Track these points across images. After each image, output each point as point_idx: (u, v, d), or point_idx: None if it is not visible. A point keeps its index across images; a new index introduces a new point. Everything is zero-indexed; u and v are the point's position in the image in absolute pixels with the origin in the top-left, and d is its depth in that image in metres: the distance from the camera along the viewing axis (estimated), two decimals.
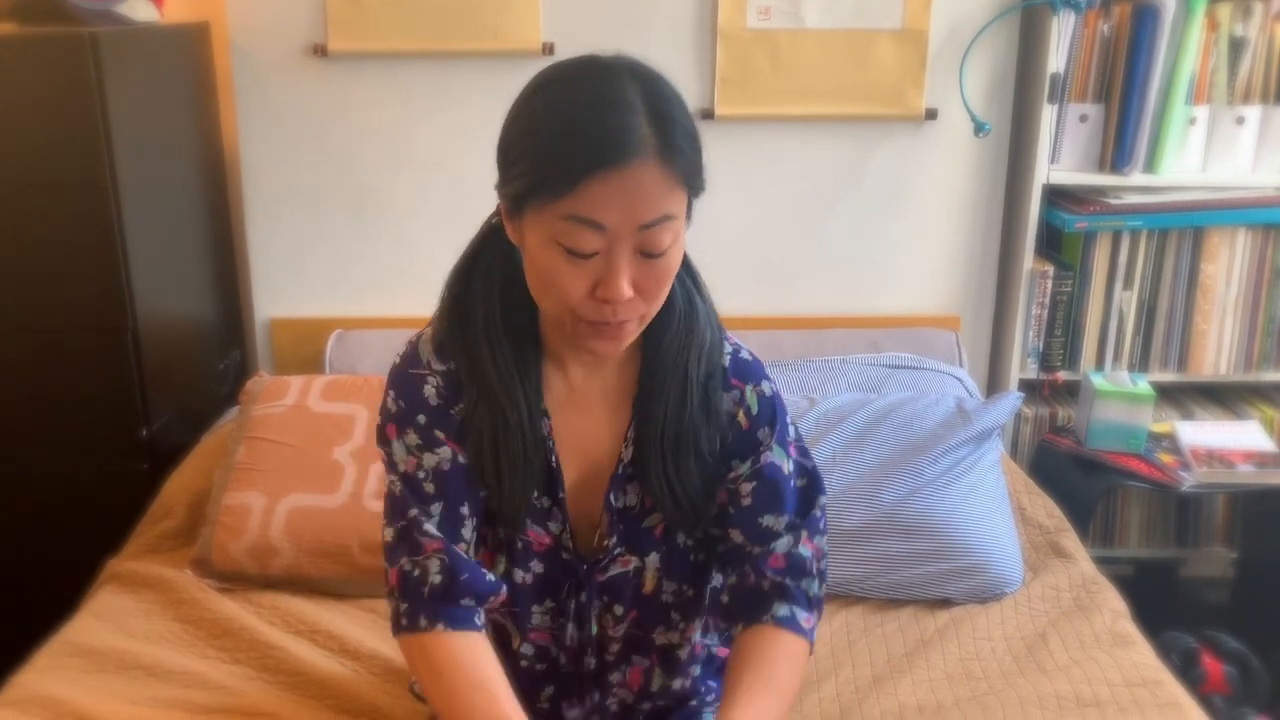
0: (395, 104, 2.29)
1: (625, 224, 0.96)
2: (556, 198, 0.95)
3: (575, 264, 0.98)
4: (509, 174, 1.01)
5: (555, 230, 0.97)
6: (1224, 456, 2.15)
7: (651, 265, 0.99)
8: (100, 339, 1.96)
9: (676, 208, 0.98)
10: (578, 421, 1.16)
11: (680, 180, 0.97)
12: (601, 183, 0.93)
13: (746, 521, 1.18)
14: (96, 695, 1.46)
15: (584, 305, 1.01)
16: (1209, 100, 2.26)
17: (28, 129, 1.84)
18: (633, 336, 1.06)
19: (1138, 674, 1.52)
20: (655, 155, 0.95)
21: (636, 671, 1.26)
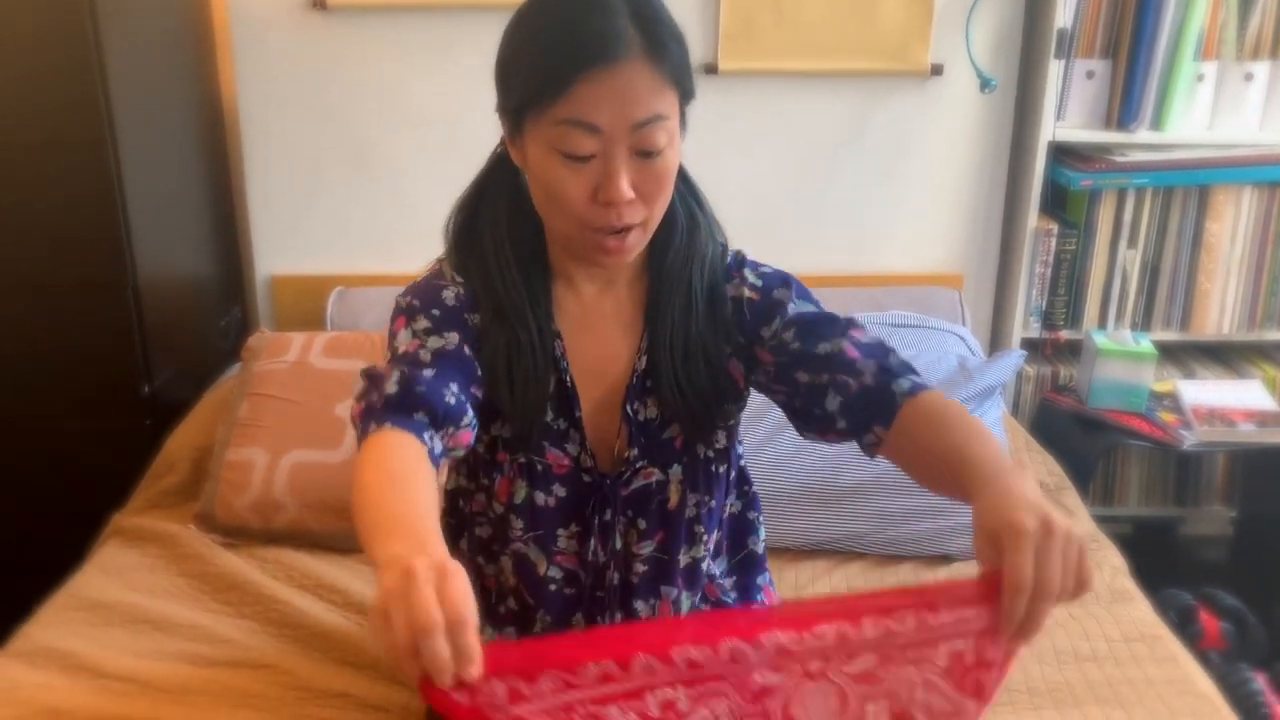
0: (394, 58, 2.27)
1: (618, 124, 0.99)
2: (550, 104, 0.99)
3: (575, 170, 1.01)
4: (506, 91, 1.05)
5: (552, 137, 1.00)
6: (1225, 415, 2.15)
7: (649, 166, 1.02)
8: (101, 296, 1.96)
9: (668, 107, 1.02)
10: (592, 339, 1.18)
11: (669, 79, 1.01)
12: (591, 84, 0.97)
13: (807, 360, 1.13)
14: (103, 648, 1.47)
15: (588, 212, 1.03)
16: (1218, 56, 2.24)
17: (26, 87, 1.83)
18: (638, 247, 1.09)
19: (1136, 629, 1.53)
20: (642, 54, 0.98)
21: (665, 604, 1.26)
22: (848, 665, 0.83)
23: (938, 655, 0.83)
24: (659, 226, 1.11)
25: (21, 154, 1.86)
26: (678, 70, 1.02)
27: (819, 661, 0.83)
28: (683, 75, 1.03)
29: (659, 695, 0.81)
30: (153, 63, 2.06)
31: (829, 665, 0.83)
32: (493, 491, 1.21)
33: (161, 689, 1.40)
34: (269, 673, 1.44)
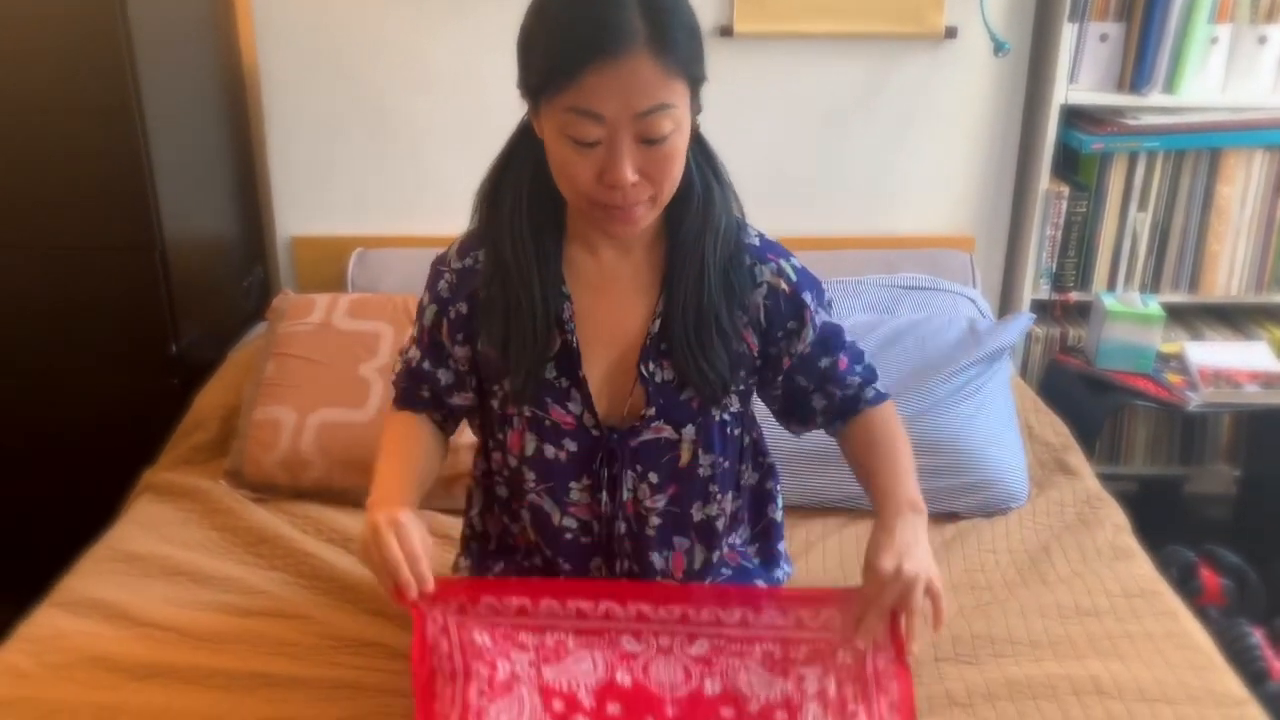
0: (414, 21, 2.29)
1: (622, 113, 1.03)
2: (559, 92, 1.04)
3: (582, 153, 1.07)
4: (525, 71, 1.10)
5: (561, 122, 1.06)
6: (1230, 376, 2.18)
7: (653, 151, 1.07)
8: (129, 258, 2.00)
9: (673, 97, 1.05)
10: (605, 302, 1.24)
11: (676, 70, 1.04)
12: (597, 75, 1.01)
13: (809, 368, 1.31)
14: (142, 598, 1.53)
15: (595, 191, 1.09)
16: (1231, 19, 2.24)
17: (54, 53, 1.86)
18: (647, 218, 1.14)
19: (1136, 585, 1.57)
20: (647, 46, 1.02)
21: (679, 556, 1.32)
22: (689, 648, 1.09)
23: (754, 650, 1.10)
24: (675, 197, 1.16)
25: (51, 120, 1.90)
26: (685, 61, 1.05)
27: (668, 639, 1.09)
28: (691, 65, 1.06)
29: (555, 635, 1.11)
30: (176, 29, 2.09)
31: (674, 643, 1.10)
32: (506, 446, 1.29)
33: (199, 637, 1.46)
34: (301, 622, 1.50)
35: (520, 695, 1.07)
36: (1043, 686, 1.37)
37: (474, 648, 1.08)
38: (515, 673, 1.08)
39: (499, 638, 1.09)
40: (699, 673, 1.08)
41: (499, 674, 1.07)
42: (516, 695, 1.07)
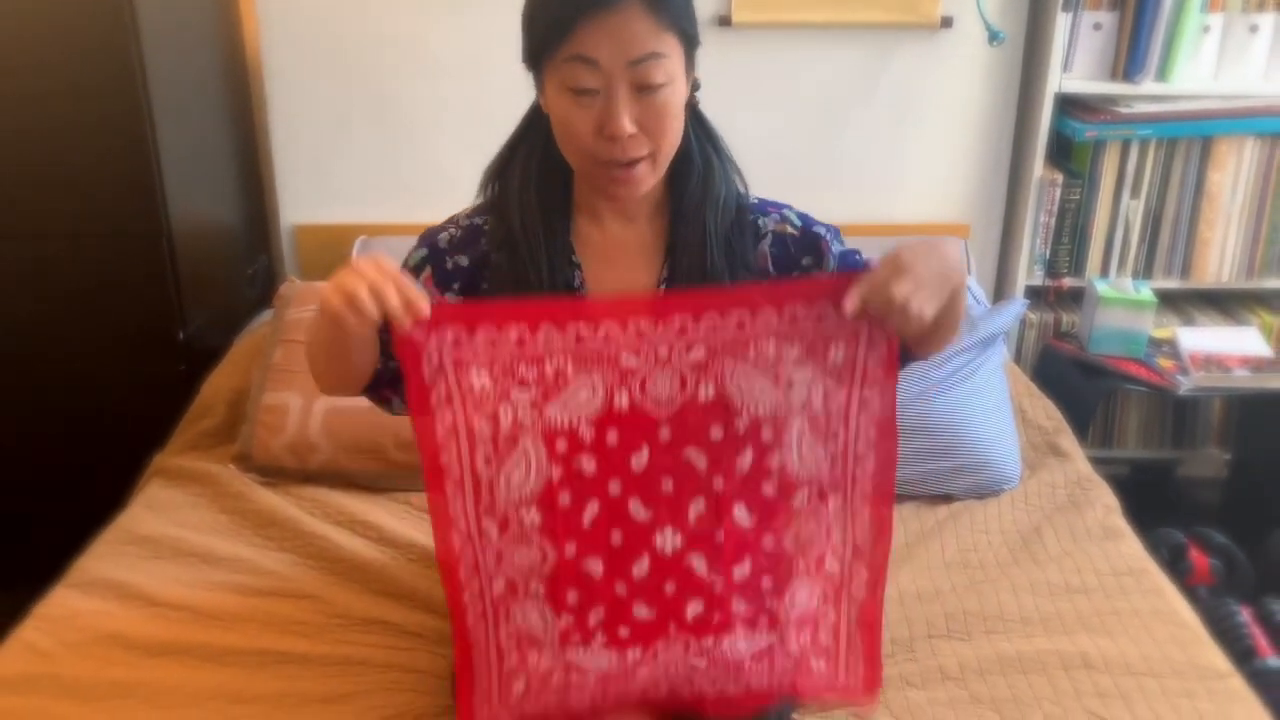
0: (414, 13, 2.32)
1: (616, 60, 1.10)
2: (559, 45, 1.11)
3: (582, 105, 1.13)
4: (528, 38, 1.17)
5: (562, 75, 1.13)
6: (1221, 361, 2.22)
7: (649, 102, 1.13)
8: (137, 245, 2.03)
9: (665, 47, 1.12)
10: (613, 270, 1.29)
11: (667, 23, 1.12)
12: (592, 25, 1.09)
13: None
14: (155, 579, 1.57)
15: (595, 146, 1.15)
16: (1223, 8, 2.27)
17: (63, 46, 1.89)
18: (648, 180, 1.19)
19: (1124, 564, 1.62)
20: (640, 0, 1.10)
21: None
22: (687, 355, 1.10)
23: (748, 352, 1.10)
24: (677, 169, 1.23)
25: (61, 110, 1.93)
26: (676, 16, 1.13)
27: (665, 349, 1.10)
28: (682, 20, 1.14)
29: (553, 364, 1.09)
30: (182, 21, 2.11)
31: (672, 353, 1.10)
32: None
33: (212, 616, 1.50)
34: (310, 602, 1.54)
35: (525, 449, 1.10)
36: (1033, 661, 1.41)
37: (473, 396, 1.08)
38: (517, 420, 1.09)
39: (498, 374, 1.08)
40: (694, 380, 1.11)
41: (501, 426, 1.09)
42: (521, 449, 1.10)
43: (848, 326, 1.09)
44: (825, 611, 1.18)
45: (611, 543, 1.13)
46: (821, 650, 1.20)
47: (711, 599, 1.16)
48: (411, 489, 1.83)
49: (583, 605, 1.15)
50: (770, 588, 1.17)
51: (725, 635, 1.17)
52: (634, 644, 1.16)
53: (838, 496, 1.15)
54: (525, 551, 1.13)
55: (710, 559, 1.14)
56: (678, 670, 1.18)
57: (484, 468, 1.10)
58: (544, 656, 1.16)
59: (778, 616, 1.18)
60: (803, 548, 1.16)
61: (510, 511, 1.11)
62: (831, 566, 1.17)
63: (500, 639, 1.16)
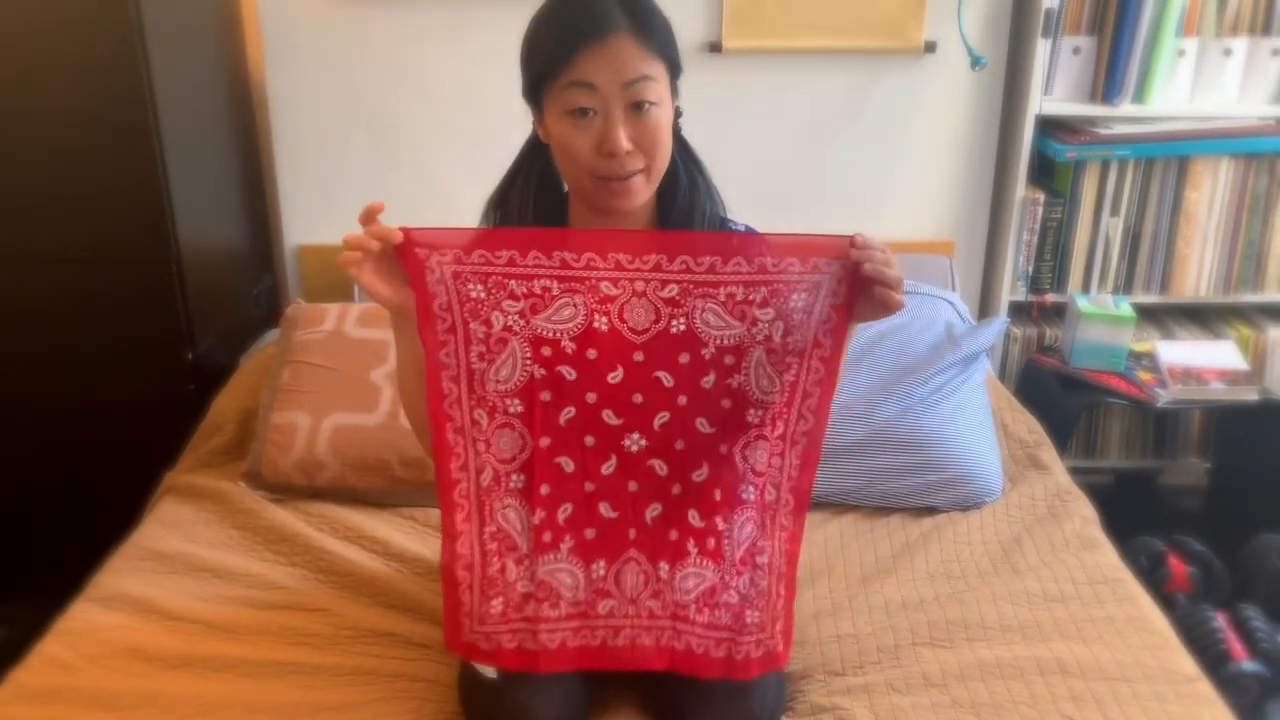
0: (415, 40, 2.39)
1: (612, 84, 1.23)
2: (559, 73, 1.24)
3: (581, 126, 1.26)
4: (528, 70, 1.30)
5: (562, 100, 1.26)
6: (1199, 374, 2.29)
7: (641, 120, 1.26)
8: (146, 268, 2.09)
9: (654, 71, 1.26)
10: None
11: (654, 49, 1.25)
12: (589, 54, 1.23)
13: None
14: (170, 593, 1.64)
15: (595, 163, 1.28)
16: (1198, 32, 2.35)
17: (75, 74, 1.95)
18: (643, 192, 1.32)
19: (1101, 573, 1.68)
20: (629, 29, 1.24)
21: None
22: (661, 291, 1.24)
23: (718, 293, 1.23)
24: (666, 185, 1.35)
25: (73, 137, 1.99)
26: (662, 43, 1.26)
27: (642, 284, 1.23)
28: (667, 47, 1.28)
29: (540, 282, 1.23)
30: (190, 48, 2.18)
31: (648, 288, 1.24)
32: None
33: (226, 629, 1.57)
34: (321, 615, 1.60)
35: (513, 349, 1.25)
36: (1011, 667, 1.48)
37: (470, 302, 1.23)
38: (508, 325, 1.24)
39: (491, 287, 1.22)
40: (668, 313, 1.24)
41: (493, 329, 1.24)
42: (510, 349, 1.25)
43: (809, 279, 1.23)
44: (762, 546, 1.32)
45: (584, 444, 1.29)
46: (758, 594, 1.32)
47: (669, 502, 1.30)
48: (416, 504, 1.89)
49: (554, 498, 1.29)
50: (719, 500, 1.30)
51: (679, 564, 1.31)
52: (599, 555, 1.31)
53: (781, 424, 1.28)
54: (509, 437, 1.28)
55: (670, 464, 1.29)
56: (637, 612, 1.31)
57: (477, 362, 1.25)
58: (521, 570, 1.30)
59: (722, 549, 1.31)
60: (751, 469, 1.29)
61: (497, 400, 1.27)
62: (769, 494, 1.31)
63: (484, 539, 1.30)
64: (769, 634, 1.33)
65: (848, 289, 1.22)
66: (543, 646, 1.31)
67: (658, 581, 1.31)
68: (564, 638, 1.31)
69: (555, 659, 1.31)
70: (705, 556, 1.31)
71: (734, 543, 1.31)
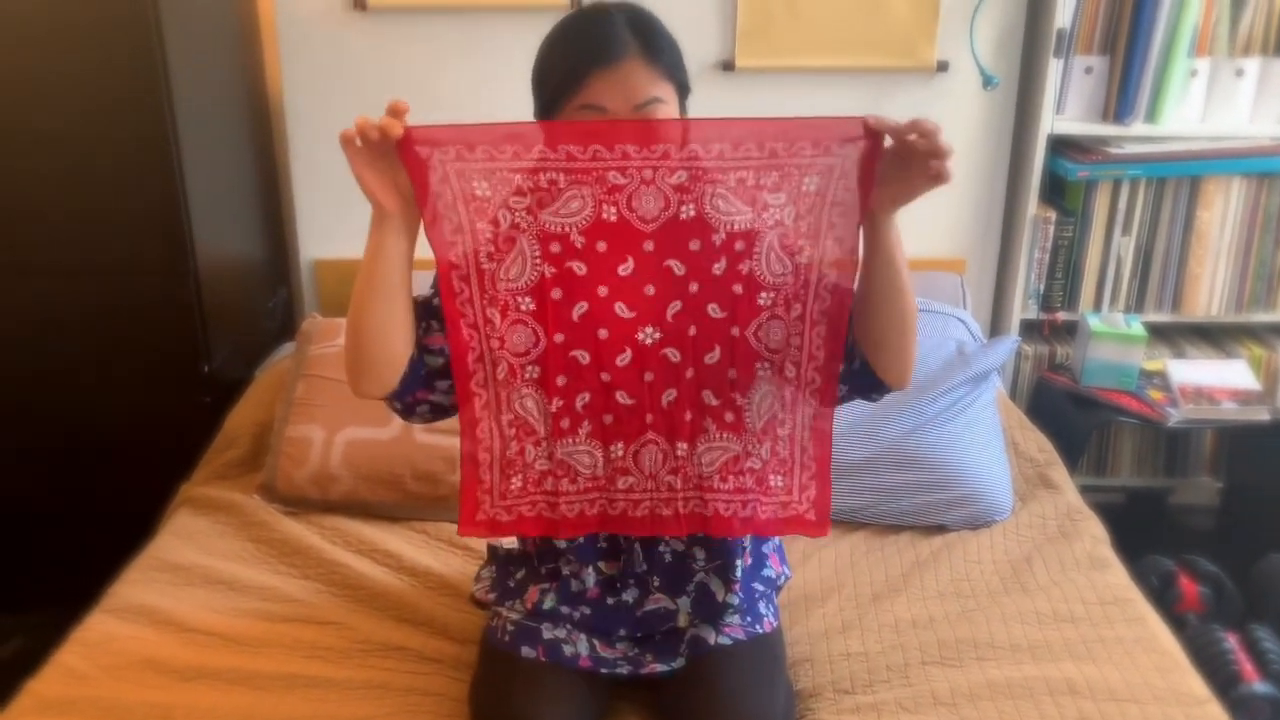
0: (430, 55, 2.41)
1: (623, 106, 1.24)
2: (571, 96, 1.25)
3: None
4: (540, 93, 1.31)
5: None
6: (1210, 394, 2.29)
7: None
8: (164, 281, 2.11)
9: (664, 93, 1.27)
10: None
11: (663, 71, 1.27)
12: (600, 78, 1.24)
13: None
14: (185, 605, 1.65)
15: None
16: (1210, 53, 2.35)
17: (96, 88, 1.98)
18: None
19: (1110, 593, 1.69)
20: (638, 53, 1.25)
21: None
22: (670, 178, 1.22)
23: (728, 179, 1.22)
24: None
25: (93, 152, 2.01)
26: (671, 66, 1.28)
27: (650, 171, 1.22)
28: (676, 70, 1.30)
29: (546, 175, 1.21)
30: (208, 63, 2.21)
31: (656, 175, 1.22)
32: None
33: (240, 641, 1.58)
34: (334, 628, 1.62)
35: (521, 247, 1.25)
36: (1021, 688, 1.48)
37: (476, 201, 1.22)
38: (515, 223, 1.23)
39: (496, 184, 1.21)
40: (677, 200, 1.23)
41: (501, 227, 1.24)
42: (519, 248, 1.25)
43: (821, 162, 1.21)
44: (784, 419, 1.32)
45: (598, 337, 1.29)
46: (780, 462, 1.34)
47: (683, 386, 1.31)
48: (428, 518, 1.91)
49: (570, 389, 1.30)
50: (735, 379, 1.30)
51: (698, 440, 1.32)
52: (617, 438, 1.32)
53: (799, 305, 1.27)
54: (522, 332, 1.28)
55: (683, 350, 1.29)
56: (656, 487, 1.33)
57: (486, 262, 1.25)
58: (539, 451, 1.32)
59: (742, 419, 1.32)
60: (766, 347, 1.29)
61: (509, 299, 1.26)
62: (789, 371, 1.30)
63: (502, 425, 1.31)
64: (795, 498, 1.34)
65: (862, 170, 1.20)
66: (562, 516, 1.33)
67: (675, 459, 1.33)
68: (582, 508, 1.34)
69: (575, 526, 1.34)
70: (724, 430, 1.32)
71: (755, 414, 1.32)
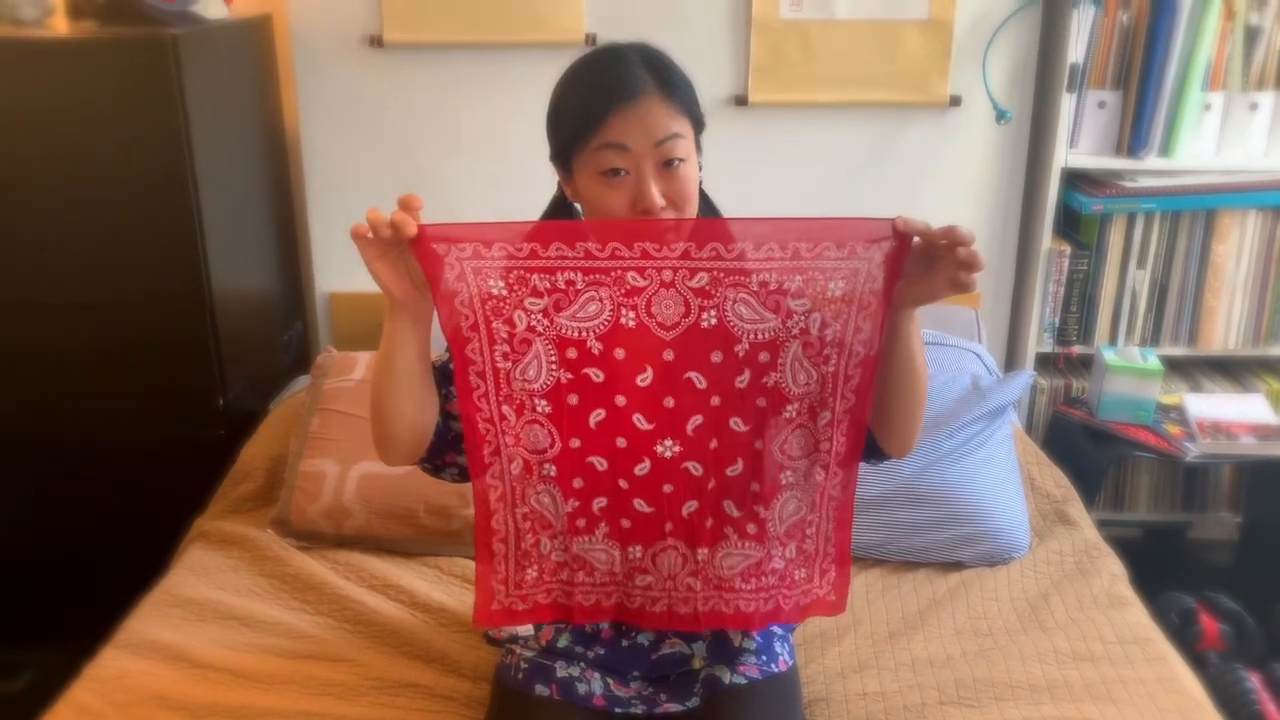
0: (446, 91, 2.43)
1: (643, 143, 1.24)
2: (590, 135, 1.25)
3: (615, 186, 1.26)
4: (555, 134, 1.31)
5: (594, 162, 1.26)
6: (1228, 428, 2.27)
7: (673, 175, 1.26)
8: (180, 315, 2.13)
9: (682, 129, 1.27)
10: None
11: (681, 109, 1.27)
12: (619, 116, 1.24)
13: None
14: (198, 640, 1.65)
15: None
16: (1224, 87, 2.35)
17: (114, 125, 2.00)
18: None
19: (1130, 632, 1.67)
20: (656, 90, 1.26)
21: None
22: (690, 281, 1.20)
23: (750, 282, 1.20)
24: None
25: (113, 188, 2.04)
26: (687, 102, 1.29)
27: (670, 273, 1.19)
28: (692, 106, 1.30)
29: (564, 276, 1.19)
30: (225, 97, 2.23)
31: (676, 277, 1.20)
32: None
33: (252, 678, 1.57)
34: (346, 665, 1.61)
35: (538, 351, 1.23)
36: None
37: (492, 300, 1.20)
38: (531, 325, 1.22)
39: (513, 283, 1.19)
40: (698, 305, 1.20)
41: (517, 329, 1.22)
42: (535, 351, 1.23)
43: (846, 265, 1.18)
44: (810, 519, 1.30)
45: (616, 445, 1.27)
46: (804, 558, 1.32)
47: (705, 498, 1.29)
48: (441, 554, 1.90)
49: (587, 492, 1.28)
50: (759, 491, 1.28)
51: (718, 546, 1.31)
52: (635, 541, 1.30)
53: (826, 412, 1.25)
54: (538, 432, 1.26)
55: (705, 463, 1.28)
56: (675, 587, 1.32)
57: (502, 361, 1.23)
58: (555, 544, 1.30)
59: (765, 529, 1.30)
60: (789, 457, 1.27)
61: (525, 399, 1.24)
62: (818, 475, 1.28)
63: (517, 518, 1.29)
64: (816, 584, 1.33)
65: (888, 273, 1.17)
66: (578, 604, 1.32)
67: (695, 563, 1.31)
68: (599, 598, 1.33)
69: (591, 614, 1.33)
70: (746, 540, 1.31)
71: (777, 522, 1.30)
